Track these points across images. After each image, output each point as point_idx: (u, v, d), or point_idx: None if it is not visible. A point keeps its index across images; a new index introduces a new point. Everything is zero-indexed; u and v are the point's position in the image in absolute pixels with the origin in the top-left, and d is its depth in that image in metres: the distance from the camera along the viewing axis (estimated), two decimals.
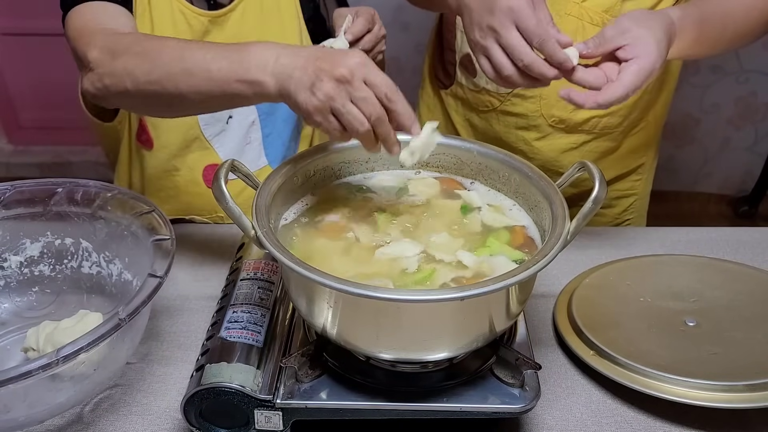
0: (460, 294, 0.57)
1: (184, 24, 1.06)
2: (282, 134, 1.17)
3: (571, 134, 1.09)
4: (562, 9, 0.99)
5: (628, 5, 0.97)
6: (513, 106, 1.08)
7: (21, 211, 0.82)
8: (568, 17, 0.99)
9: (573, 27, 0.99)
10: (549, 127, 1.08)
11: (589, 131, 1.09)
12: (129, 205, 0.79)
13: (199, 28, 1.06)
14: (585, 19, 0.99)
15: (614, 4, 0.98)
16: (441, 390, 0.66)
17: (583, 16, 0.99)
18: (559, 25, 0.93)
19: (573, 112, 1.06)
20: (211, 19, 1.06)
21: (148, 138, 1.13)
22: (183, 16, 1.05)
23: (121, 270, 0.82)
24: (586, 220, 0.64)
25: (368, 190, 0.78)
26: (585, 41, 0.81)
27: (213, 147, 1.13)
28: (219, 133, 1.12)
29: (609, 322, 0.80)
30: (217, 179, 0.63)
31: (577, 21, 0.99)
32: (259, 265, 0.79)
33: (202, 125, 1.11)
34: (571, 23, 0.99)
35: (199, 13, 1.06)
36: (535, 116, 1.08)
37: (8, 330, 0.81)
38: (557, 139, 1.09)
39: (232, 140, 1.13)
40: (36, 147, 2.64)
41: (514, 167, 0.75)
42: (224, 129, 1.12)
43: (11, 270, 0.83)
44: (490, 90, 1.09)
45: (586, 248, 0.96)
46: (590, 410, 0.74)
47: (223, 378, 0.63)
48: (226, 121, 1.11)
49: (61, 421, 0.72)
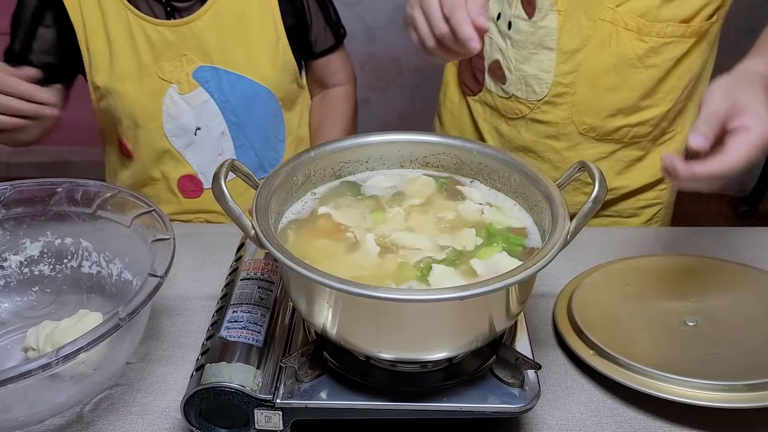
0: (460, 294, 0.56)
1: (142, 37, 1.05)
2: (254, 145, 1.17)
3: (600, 143, 1.08)
4: (596, 14, 0.98)
5: (665, 11, 0.96)
6: (543, 113, 1.07)
7: (21, 211, 0.82)
8: (602, 23, 0.98)
9: (607, 32, 0.99)
10: (579, 136, 1.07)
11: (619, 140, 1.08)
12: (129, 205, 0.79)
13: (158, 39, 1.05)
14: (620, 24, 0.98)
15: (650, 9, 0.96)
16: (441, 390, 0.66)
17: (618, 21, 0.98)
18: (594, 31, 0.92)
19: (605, 120, 1.05)
20: (171, 29, 1.05)
21: (127, 150, 1.15)
22: (141, 29, 1.05)
23: (121, 270, 0.82)
24: (586, 220, 0.64)
25: (368, 190, 0.78)
26: (696, 131, 0.68)
27: (185, 158, 1.13)
28: (189, 144, 1.13)
29: (609, 322, 0.80)
30: (217, 179, 0.63)
31: (611, 26, 0.98)
32: (259, 265, 0.79)
33: (170, 137, 1.11)
34: (606, 28, 0.98)
35: (158, 24, 1.04)
36: (565, 124, 1.07)
37: (8, 330, 0.81)
38: (587, 149, 1.09)
39: (202, 151, 1.14)
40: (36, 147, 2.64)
41: (514, 167, 0.75)
42: (193, 141, 1.12)
43: (11, 270, 0.83)
44: (519, 97, 1.08)
45: (586, 248, 0.96)
46: (590, 410, 0.74)
47: (223, 378, 0.63)
48: (194, 133, 1.11)
49: (61, 420, 0.72)
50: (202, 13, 1.06)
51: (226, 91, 1.11)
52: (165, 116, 1.09)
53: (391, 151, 0.80)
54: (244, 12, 1.09)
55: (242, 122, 1.13)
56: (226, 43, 1.08)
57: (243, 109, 1.13)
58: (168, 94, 1.08)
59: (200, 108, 1.10)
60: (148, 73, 1.07)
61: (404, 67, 2.38)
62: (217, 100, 1.11)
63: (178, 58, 1.07)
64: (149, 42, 1.05)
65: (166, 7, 1.06)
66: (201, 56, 1.08)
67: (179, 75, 1.08)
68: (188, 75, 1.08)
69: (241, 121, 1.13)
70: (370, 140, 0.80)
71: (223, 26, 1.07)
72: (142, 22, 1.04)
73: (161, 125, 1.10)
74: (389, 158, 0.81)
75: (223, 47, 1.08)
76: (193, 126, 1.11)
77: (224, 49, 1.09)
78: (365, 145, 0.80)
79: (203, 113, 1.11)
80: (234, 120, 1.13)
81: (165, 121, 1.10)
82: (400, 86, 2.46)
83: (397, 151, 0.80)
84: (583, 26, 1.00)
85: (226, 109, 1.11)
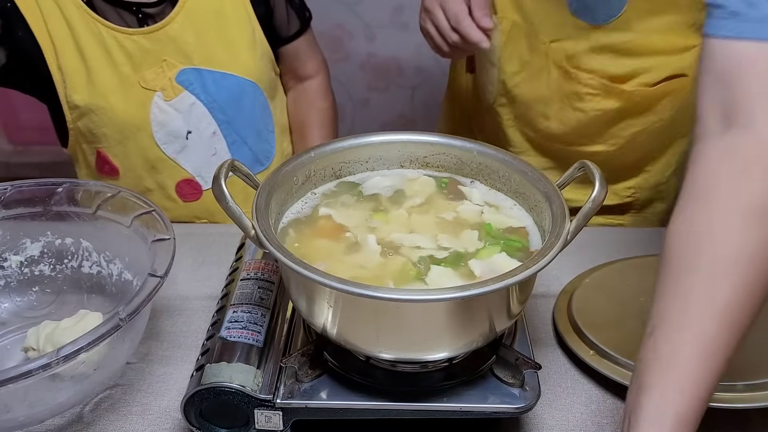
0: (460, 294, 0.57)
1: (118, 48, 1.03)
2: (247, 139, 1.16)
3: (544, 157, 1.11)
4: (534, 44, 0.99)
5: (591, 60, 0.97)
6: (493, 115, 1.09)
7: (21, 211, 0.82)
8: (538, 54, 1.00)
9: (542, 64, 1.01)
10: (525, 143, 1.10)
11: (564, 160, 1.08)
12: (129, 205, 0.79)
13: (135, 48, 1.03)
14: (551, 60, 1.00)
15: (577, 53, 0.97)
16: (441, 390, 0.66)
17: (550, 56, 0.99)
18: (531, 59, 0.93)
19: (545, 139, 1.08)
20: (147, 36, 1.03)
21: (111, 167, 1.12)
22: (115, 40, 1.02)
23: (121, 270, 0.82)
24: (586, 220, 0.64)
25: (368, 190, 0.78)
26: None
27: (179, 164, 1.12)
28: (182, 149, 1.11)
29: (609, 322, 0.80)
30: (217, 179, 0.63)
31: (545, 59, 1.00)
32: (259, 265, 0.79)
33: (161, 145, 1.09)
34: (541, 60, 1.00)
35: (132, 33, 1.02)
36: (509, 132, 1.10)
37: (8, 330, 0.81)
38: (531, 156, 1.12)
39: (195, 153, 1.12)
40: (36, 147, 2.64)
41: (513, 167, 0.75)
42: (186, 145, 1.11)
43: (11, 270, 0.83)
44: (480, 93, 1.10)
45: (586, 248, 0.96)
46: (590, 410, 0.74)
47: (223, 378, 0.63)
48: (185, 137, 1.09)
49: (61, 420, 0.72)
50: (174, 15, 1.04)
51: (212, 91, 1.09)
52: (154, 125, 1.07)
53: (391, 151, 0.80)
54: (218, 7, 1.07)
55: (232, 119, 1.12)
56: (204, 42, 1.07)
57: (231, 106, 1.11)
58: (154, 102, 1.06)
59: (188, 111, 1.08)
60: (131, 84, 1.05)
61: (404, 67, 2.37)
62: (204, 101, 1.09)
63: (158, 64, 1.05)
64: (126, 53, 1.03)
65: (137, 15, 1.03)
66: (181, 59, 1.06)
67: (162, 82, 1.06)
68: (171, 80, 1.06)
69: (231, 118, 1.12)
70: (370, 140, 0.80)
71: (199, 25, 1.06)
72: (115, 33, 1.02)
73: (151, 135, 1.08)
74: (389, 158, 0.81)
75: (201, 47, 1.07)
76: (183, 130, 1.09)
77: (203, 49, 1.07)
78: (365, 145, 0.80)
79: (192, 116, 1.09)
80: (223, 118, 1.11)
81: (155, 130, 1.08)
82: (400, 86, 2.46)
83: (397, 151, 0.80)
84: (523, 53, 1.01)
85: (214, 108, 1.10)
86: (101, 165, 1.13)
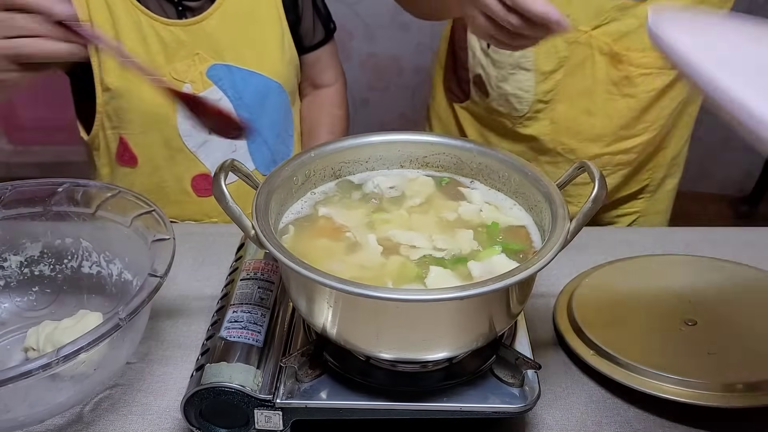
0: (460, 294, 0.57)
1: (154, 37, 1.04)
2: (267, 139, 1.17)
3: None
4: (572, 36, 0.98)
5: (643, 36, 0.95)
6: (524, 128, 1.06)
7: (21, 211, 0.82)
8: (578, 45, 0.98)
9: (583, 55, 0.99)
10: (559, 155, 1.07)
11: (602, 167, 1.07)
12: (129, 205, 0.79)
13: (171, 39, 1.05)
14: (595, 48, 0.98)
15: (626, 33, 0.95)
16: (441, 390, 0.66)
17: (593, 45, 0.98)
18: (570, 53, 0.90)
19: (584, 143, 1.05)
20: (184, 29, 1.05)
21: (131, 156, 1.13)
22: (152, 29, 1.04)
23: (121, 270, 0.82)
24: (586, 220, 0.63)
25: (368, 190, 0.78)
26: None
27: (198, 158, 1.13)
28: (203, 143, 1.12)
29: (609, 322, 0.81)
30: (217, 179, 0.63)
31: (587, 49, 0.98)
32: (259, 265, 0.79)
33: (184, 137, 1.11)
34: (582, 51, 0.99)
35: (170, 24, 1.04)
36: (545, 141, 1.06)
37: (8, 330, 0.81)
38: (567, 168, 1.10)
39: (217, 149, 1.13)
40: (36, 147, 2.64)
41: (513, 167, 0.75)
42: (207, 139, 1.12)
43: (11, 270, 0.83)
44: (502, 112, 1.08)
45: (586, 248, 0.96)
46: (590, 410, 0.74)
47: (223, 378, 0.64)
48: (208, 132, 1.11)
49: (61, 420, 0.72)
50: (212, 11, 1.06)
51: (240, 88, 1.11)
52: (180, 116, 1.09)
53: (391, 151, 0.80)
54: (253, 9, 1.09)
55: (255, 118, 1.14)
56: (237, 41, 1.09)
57: (256, 105, 1.13)
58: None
59: None
60: (162, 74, 1.07)
61: (404, 67, 2.38)
62: (231, 97, 1.10)
63: (190, 57, 1.07)
64: (161, 42, 1.05)
65: (177, 7, 1.06)
66: (213, 55, 1.08)
67: (193, 74, 1.08)
68: (202, 74, 1.08)
69: (255, 117, 1.14)
70: (370, 140, 0.80)
71: (234, 24, 1.08)
72: (153, 22, 1.04)
73: (175, 125, 1.10)
74: (389, 158, 0.81)
75: (234, 45, 1.09)
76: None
77: (235, 47, 1.09)
78: (365, 145, 0.80)
79: None
80: (247, 117, 1.13)
81: (179, 121, 1.10)
82: (400, 86, 2.46)
83: (397, 151, 0.81)
84: (560, 48, 1.00)
85: (239, 106, 1.11)
86: (122, 152, 1.14)
